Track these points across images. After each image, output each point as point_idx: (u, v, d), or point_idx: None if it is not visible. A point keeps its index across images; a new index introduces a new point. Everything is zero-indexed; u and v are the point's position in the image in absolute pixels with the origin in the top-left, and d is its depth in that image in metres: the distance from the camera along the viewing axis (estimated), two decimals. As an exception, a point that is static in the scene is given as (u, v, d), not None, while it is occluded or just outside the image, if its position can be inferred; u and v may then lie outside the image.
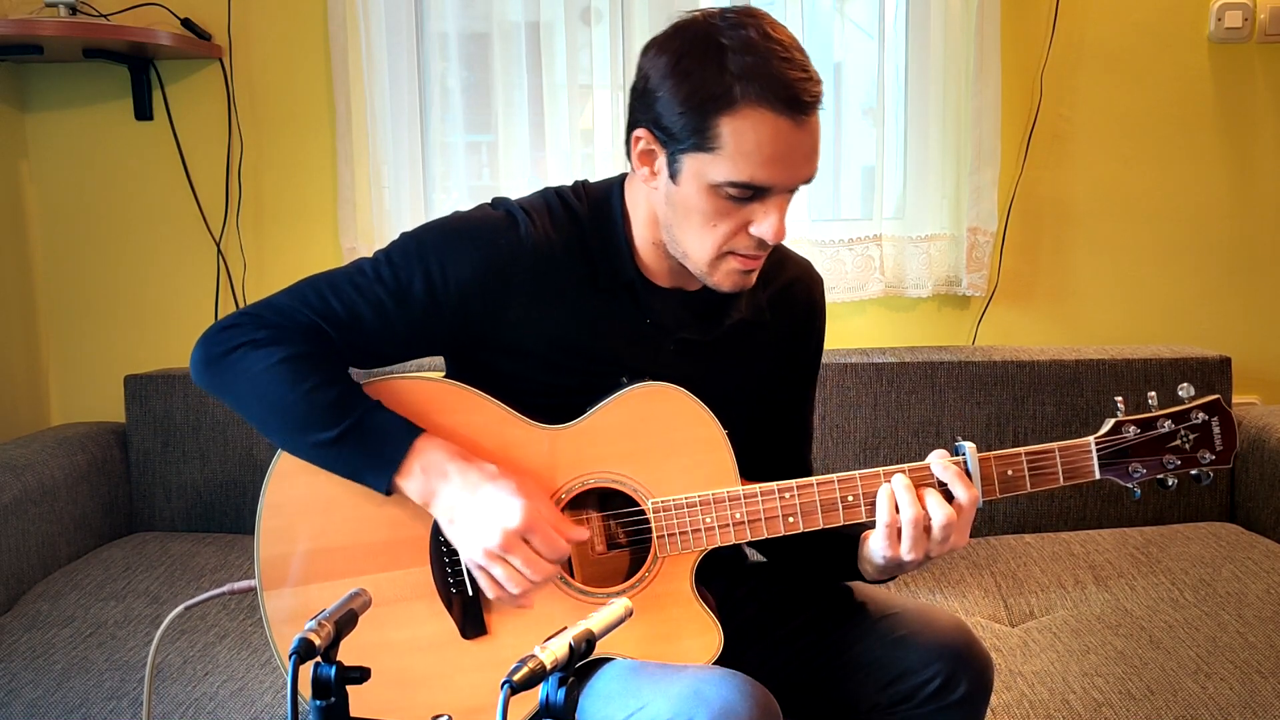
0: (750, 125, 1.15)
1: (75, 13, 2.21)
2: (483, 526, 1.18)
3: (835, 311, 2.20)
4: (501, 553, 1.17)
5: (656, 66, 1.20)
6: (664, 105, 1.18)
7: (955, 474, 1.23)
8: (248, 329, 1.24)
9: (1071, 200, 2.37)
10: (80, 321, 2.46)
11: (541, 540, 1.18)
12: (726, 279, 1.25)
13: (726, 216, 1.20)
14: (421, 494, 1.21)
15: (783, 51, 1.16)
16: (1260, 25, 2.28)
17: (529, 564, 1.18)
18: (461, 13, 2.34)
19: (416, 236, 1.28)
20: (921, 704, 1.25)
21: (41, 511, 2.01)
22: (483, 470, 1.20)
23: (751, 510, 1.26)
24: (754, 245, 1.22)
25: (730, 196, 1.18)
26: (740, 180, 1.17)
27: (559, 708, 0.84)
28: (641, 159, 1.24)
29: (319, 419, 1.20)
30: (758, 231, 1.20)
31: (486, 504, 1.18)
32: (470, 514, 1.18)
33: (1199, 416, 1.30)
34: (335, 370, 1.23)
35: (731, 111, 1.15)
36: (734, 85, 1.14)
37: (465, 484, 1.19)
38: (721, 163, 1.17)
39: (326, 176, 2.37)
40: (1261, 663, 1.60)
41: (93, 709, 1.55)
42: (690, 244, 1.24)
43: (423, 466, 1.20)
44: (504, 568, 1.18)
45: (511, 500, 1.17)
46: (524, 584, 1.18)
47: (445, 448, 1.21)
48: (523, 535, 1.17)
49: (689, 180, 1.19)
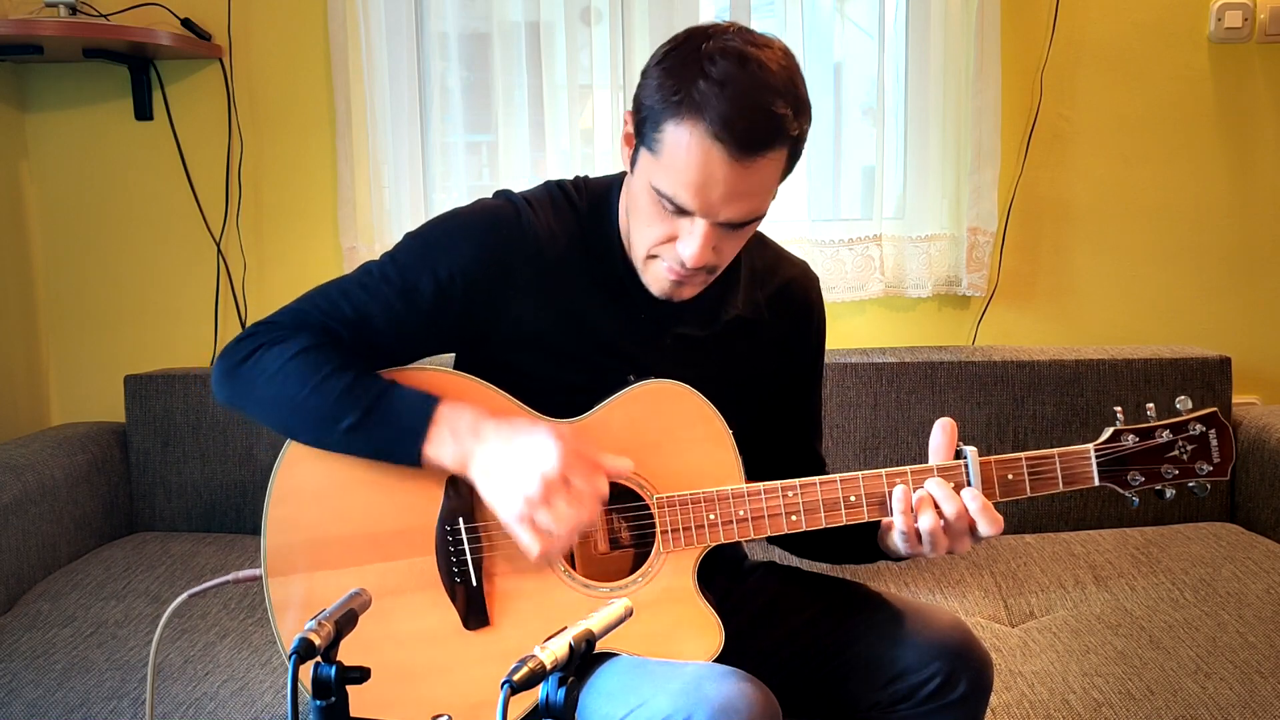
0: (686, 140, 1.15)
1: (75, 13, 2.21)
2: (521, 476, 1.17)
3: (835, 311, 2.20)
4: (542, 498, 1.16)
5: (653, 58, 1.22)
6: (644, 92, 1.20)
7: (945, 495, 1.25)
8: (260, 335, 1.26)
9: (1071, 200, 2.37)
10: (80, 321, 2.46)
11: (582, 477, 1.17)
12: (655, 282, 1.27)
13: (660, 222, 1.21)
14: (455, 458, 1.20)
15: (755, 90, 1.14)
16: (1260, 25, 2.28)
17: (572, 504, 1.17)
18: (461, 13, 2.34)
19: (420, 235, 1.30)
20: (921, 703, 1.26)
21: (41, 511, 2.01)
22: (513, 424, 1.20)
23: (755, 507, 1.27)
24: (677, 260, 1.22)
25: (662, 204, 1.19)
26: (663, 191, 1.18)
27: (559, 708, 0.85)
28: (626, 140, 1.26)
29: (339, 405, 1.21)
30: (678, 248, 1.20)
31: (522, 454, 1.18)
32: (507, 466, 1.18)
33: (1196, 428, 1.31)
34: (348, 358, 1.24)
35: (677, 119, 1.15)
36: (690, 99, 1.14)
37: (498, 437, 1.19)
38: (656, 167, 1.18)
39: (326, 176, 2.37)
40: (1261, 663, 1.60)
41: (93, 709, 1.55)
42: (635, 234, 1.26)
43: (451, 430, 1.20)
44: (547, 512, 1.17)
45: (546, 443, 1.17)
46: (567, 527, 1.17)
47: (470, 409, 1.21)
48: (562, 478, 1.17)
49: (640, 173, 1.21)
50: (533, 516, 1.17)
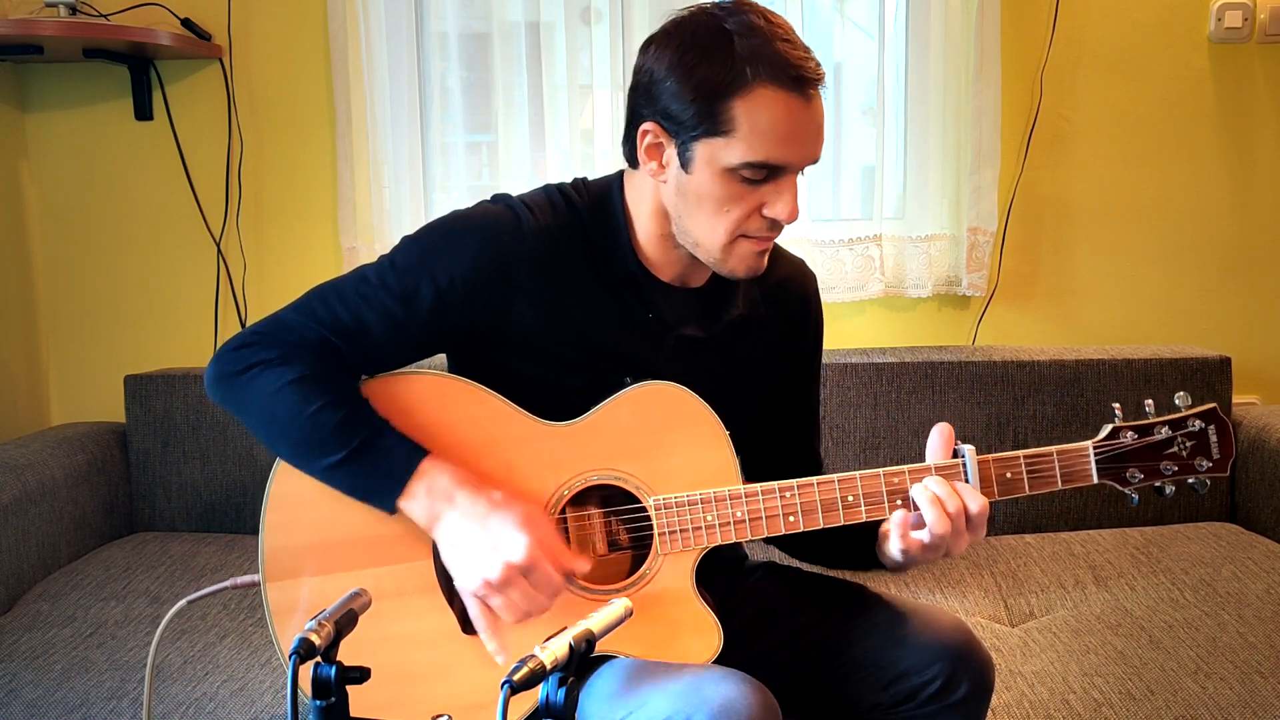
0: (763, 105, 1.17)
1: (75, 13, 2.21)
2: (485, 557, 1.18)
3: (835, 311, 2.20)
4: (500, 585, 1.17)
5: (661, 60, 1.21)
6: (672, 96, 1.20)
7: (947, 493, 1.23)
8: (259, 348, 1.24)
9: (1071, 200, 2.37)
10: (80, 321, 2.46)
11: (541, 577, 1.18)
12: (741, 263, 1.27)
13: (740, 200, 1.22)
14: (425, 517, 1.21)
15: (784, 34, 1.20)
16: (1260, 25, 2.28)
17: (526, 598, 1.18)
18: (461, 13, 2.34)
19: (418, 239, 1.29)
20: (923, 704, 1.25)
21: (41, 511, 2.01)
22: (490, 498, 1.20)
23: (752, 508, 1.26)
24: (767, 227, 1.24)
25: (745, 179, 1.21)
26: (756, 160, 1.19)
27: (559, 708, 0.85)
28: (649, 153, 1.25)
29: (325, 442, 1.21)
30: (771, 212, 1.23)
31: (490, 535, 1.18)
32: (472, 543, 1.19)
33: (1196, 424, 1.30)
34: (344, 390, 1.24)
35: (744, 93, 1.17)
36: (745, 68, 1.17)
37: (471, 511, 1.19)
38: (736, 145, 1.19)
39: (326, 176, 2.37)
40: (1261, 663, 1.60)
41: (93, 709, 1.55)
42: (702, 232, 1.25)
43: (427, 489, 1.20)
44: (502, 598, 1.18)
45: (515, 535, 1.17)
46: (518, 615, 1.19)
47: (451, 472, 1.21)
48: (523, 571, 1.17)
49: (702, 167, 1.21)
50: (486, 599, 1.19)
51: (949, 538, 1.22)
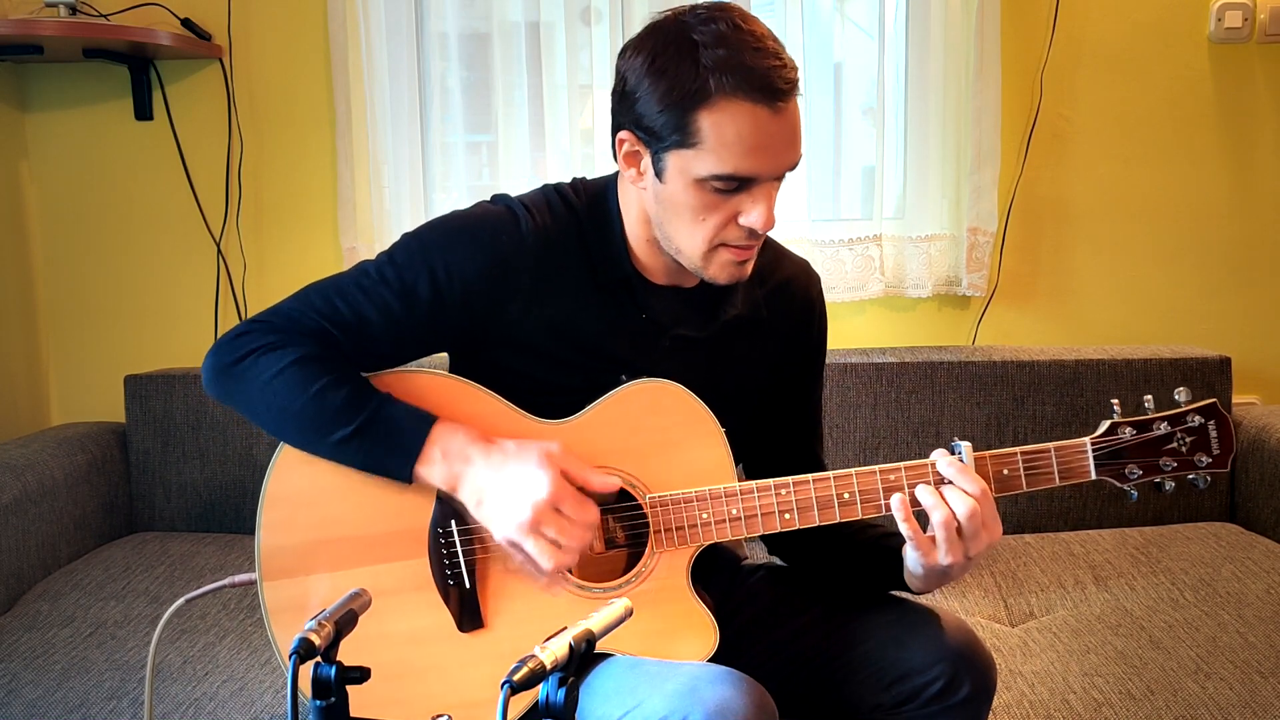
0: (729, 117, 1.16)
1: (75, 13, 2.21)
2: (512, 503, 1.18)
3: (835, 311, 2.20)
4: (534, 526, 1.17)
5: (633, 68, 1.21)
6: (643, 105, 1.19)
7: (959, 470, 1.22)
8: (256, 335, 1.25)
9: (1071, 200, 2.37)
10: (80, 321, 2.46)
11: (572, 507, 1.18)
12: (721, 271, 1.26)
13: (714, 209, 1.21)
14: (445, 479, 1.21)
15: (754, 42, 1.17)
16: (1260, 25, 2.28)
17: (563, 532, 1.18)
18: (461, 13, 2.34)
19: (418, 236, 1.29)
20: (925, 704, 1.25)
21: (41, 511, 2.01)
22: (504, 448, 1.21)
23: (748, 506, 1.26)
24: (744, 235, 1.23)
25: (716, 190, 1.20)
26: (724, 173, 1.18)
27: (559, 708, 0.84)
28: (627, 160, 1.25)
29: (333, 418, 1.21)
30: (747, 222, 1.21)
31: (513, 480, 1.18)
32: (498, 493, 1.19)
33: (1195, 420, 1.29)
34: (344, 369, 1.24)
35: (709, 105, 1.16)
36: (709, 79, 1.15)
37: (489, 464, 1.20)
38: (704, 157, 1.18)
39: (326, 176, 2.37)
40: (1261, 663, 1.60)
41: (93, 709, 1.55)
42: (682, 240, 1.25)
43: (443, 452, 1.20)
44: (537, 541, 1.18)
45: (537, 472, 1.18)
46: (559, 555, 1.18)
47: (463, 431, 1.22)
48: (553, 505, 1.17)
49: (674, 177, 1.20)
50: (524, 546, 1.19)
51: (960, 524, 1.18)
